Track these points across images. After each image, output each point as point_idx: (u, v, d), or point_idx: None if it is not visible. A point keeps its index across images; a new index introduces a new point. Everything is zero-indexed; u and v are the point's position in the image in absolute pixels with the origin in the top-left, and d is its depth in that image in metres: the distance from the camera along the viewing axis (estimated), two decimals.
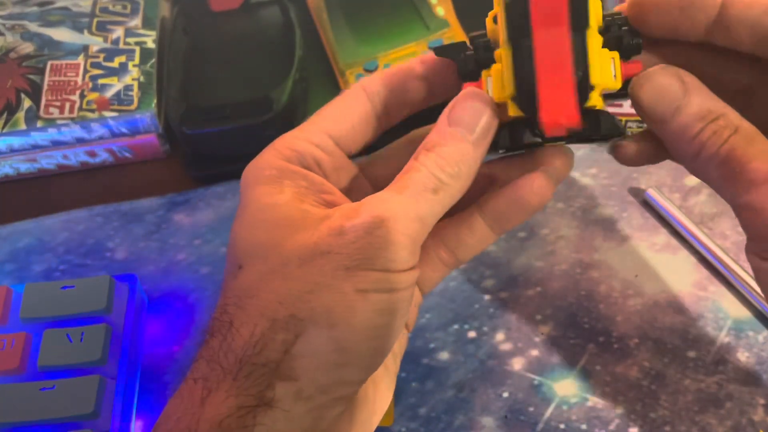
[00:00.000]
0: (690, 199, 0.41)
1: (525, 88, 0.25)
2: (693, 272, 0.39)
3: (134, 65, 0.47)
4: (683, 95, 0.25)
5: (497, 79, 0.26)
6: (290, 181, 0.27)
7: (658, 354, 0.36)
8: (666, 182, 0.42)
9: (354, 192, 0.30)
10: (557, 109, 0.24)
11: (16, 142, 0.45)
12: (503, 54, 0.26)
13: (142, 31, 0.49)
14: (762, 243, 0.25)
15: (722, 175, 0.24)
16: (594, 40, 0.25)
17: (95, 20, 0.50)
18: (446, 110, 0.27)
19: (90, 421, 0.32)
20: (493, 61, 0.27)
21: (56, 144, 0.46)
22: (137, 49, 0.48)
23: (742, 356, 0.35)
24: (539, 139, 0.27)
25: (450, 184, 0.26)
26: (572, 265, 0.39)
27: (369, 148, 0.31)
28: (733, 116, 0.25)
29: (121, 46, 0.49)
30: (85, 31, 0.49)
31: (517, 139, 0.27)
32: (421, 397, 0.35)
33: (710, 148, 0.24)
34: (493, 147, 0.29)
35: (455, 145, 0.26)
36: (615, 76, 0.26)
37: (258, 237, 0.26)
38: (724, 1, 0.25)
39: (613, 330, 0.37)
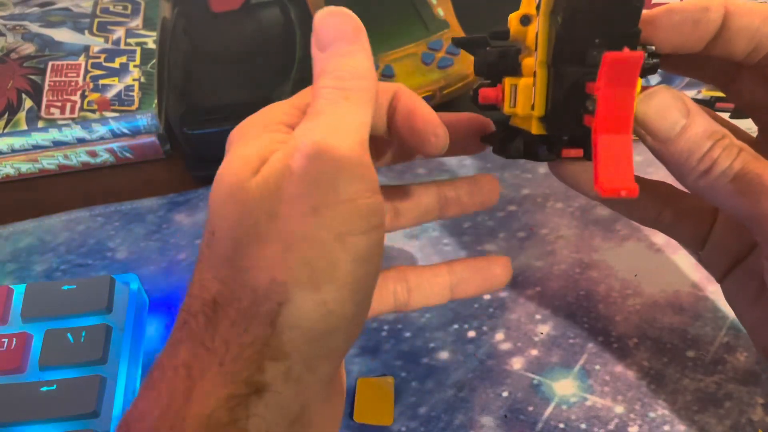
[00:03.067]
0: None
1: (558, 114, 0.25)
2: (692, 272, 0.39)
3: (135, 66, 0.48)
4: (687, 115, 0.25)
5: (525, 95, 0.26)
6: (266, 140, 0.25)
7: (657, 354, 0.36)
8: (668, 178, 0.42)
9: None
10: (616, 178, 0.23)
11: (17, 142, 0.45)
12: (538, 73, 0.25)
13: (142, 32, 0.50)
14: None
15: (737, 189, 0.25)
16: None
17: (96, 21, 0.50)
18: (312, 40, 0.26)
19: (90, 421, 0.32)
20: (518, 69, 0.26)
21: (57, 144, 0.46)
22: (138, 49, 0.49)
23: (741, 356, 0.35)
24: (555, 156, 0.27)
25: (354, 84, 0.25)
26: (571, 265, 0.40)
27: None
28: (733, 136, 0.25)
29: (122, 46, 0.49)
30: (86, 32, 0.49)
31: (531, 153, 0.28)
32: (420, 397, 0.35)
33: (722, 163, 0.25)
34: (503, 152, 0.29)
35: (337, 59, 0.25)
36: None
37: (229, 205, 0.24)
38: (727, 11, 0.26)
39: (613, 330, 0.37)
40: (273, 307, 0.22)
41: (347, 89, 0.25)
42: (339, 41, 0.26)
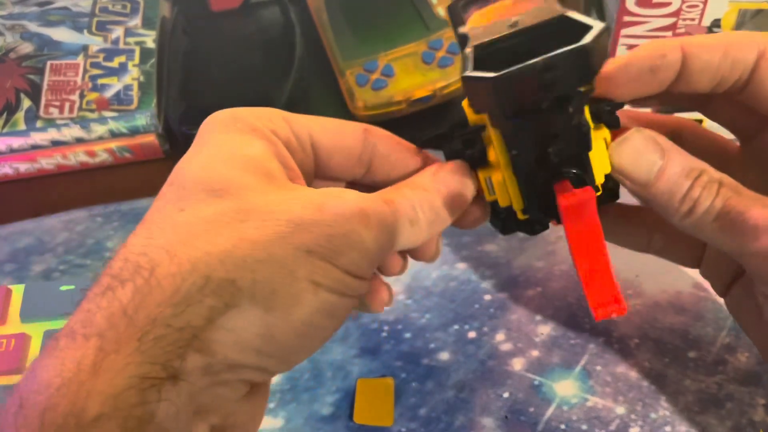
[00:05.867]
0: None
1: (537, 207, 0.26)
2: (693, 273, 0.39)
3: (134, 65, 0.47)
4: (662, 156, 0.25)
5: (501, 190, 0.26)
6: (261, 141, 0.24)
7: (658, 354, 0.36)
8: None
9: None
10: (605, 304, 0.25)
11: (15, 142, 0.45)
12: (506, 175, 0.26)
13: (141, 31, 0.49)
14: None
15: (721, 227, 0.25)
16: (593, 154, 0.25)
17: (95, 20, 0.50)
18: (435, 166, 0.27)
19: None
20: (486, 160, 0.26)
21: (56, 144, 0.46)
22: (137, 49, 0.48)
23: (743, 356, 0.35)
24: (546, 227, 0.29)
25: (423, 227, 0.25)
26: (572, 266, 0.39)
27: None
28: (712, 170, 0.25)
29: (121, 46, 0.48)
30: (85, 31, 0.49)
31: (525, 230, 0.29)
32: (421, 398, 0.35)
33: (704, 202, 0.25)
34: (499, 229, 0.30)
35: (437, 197, 0.26)
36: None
37: (216, 178, 0.22)
38: (684, 52, 0.25)
39: (614, 330, 0.37)
40: (218, 305, 0.20)
41: (418, 222, 0.25)
42: (449, 191, 0.26)
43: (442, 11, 0.48)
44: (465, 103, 0.26)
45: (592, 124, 0.24)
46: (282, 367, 0.23)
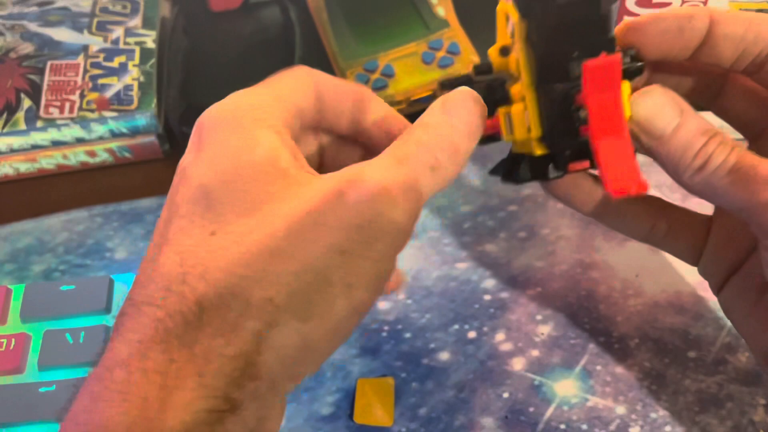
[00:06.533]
0: (690, 199, 0.41)
1: (555, 131, 0.26)
2: (693, 273, 0.39)
3: (134, 65, 0.47)
4: (680, 113, 0.26)
5: (519, 120, 0.26)
6: (268, 136, 0.23)
7: (658, 354, 0.36)
8: (666, 182, 0.42)
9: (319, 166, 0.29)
10: (624, 179, 0.24)
11: (15, 142, 0.45)
12: (527, 96, 0.26)
13: (142, 31, 0.49)
14: None
15: (732, 182, 0.25)
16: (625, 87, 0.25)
17: (95, 20, 0.50)
18: (441, 100, 0.26)
19: None
20: (508, 98, 0.27)
21: (56, 144, 0.46)
22: (137, 49, 0.48)
23: (743, 356, 0.35)
24: (562, 173, 0.28)
25: (446, 167, 0.24)
26: (572, 265, 0.39)
27: None
28: (727, 134, 0.26)
29: (121, 46, 0.48)
30: (85, 31, 0.49)
31: (539, 174, 0.28)
32: (421, 398, 0.35)
33: (718, 158, 0.25)
34: (511, 179, 0.29)
35: (452, 131, 0.25)
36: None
37: (238, 199, 0.22)
38: (712, 19, 0.26)
39: (614, 330, 0.37)
40: (260, 327, 0.21)
41: (439, 163, 0.24)
42: (460, 120, 0.25)
43: (442, 11, 0.48)
44: (492, 50, 0.27)
45: None
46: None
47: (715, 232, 0.32)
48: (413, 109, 0.45)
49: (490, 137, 0.28)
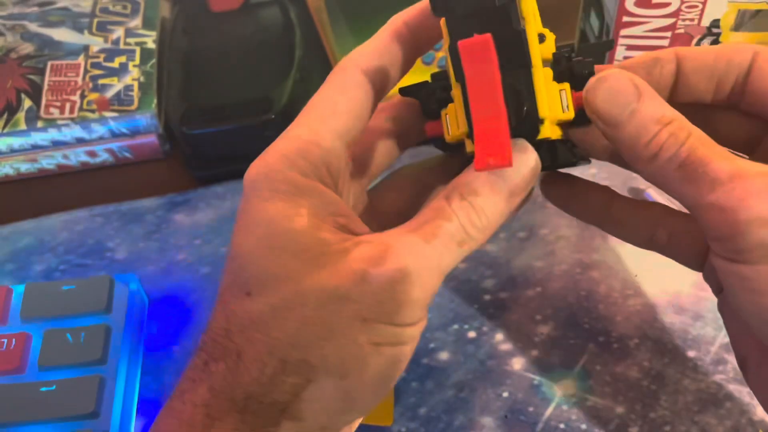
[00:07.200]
0: None
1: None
2: (692, 272, 0.39)
3: (134, 65, 0.48)
4: (637, 98, 0.25)
5: (452, 118, 0.27)
6: (307, 200, 0.24)
7: (657, 354, 0.36)
8: None
9: (360, 212, 0.30)
10: (489, 148, 0.23)
11: (16, 142, 0.45)
12: (454, 94, 0.26)
13: (142, 32, 0.50)
14: (729, 243, 0.24)
15: (683, 176, 0.24)
16: (540, 74, 0.25)
17: (95, 20, 0.50)
18: (466, 171, 0.25)
19: (90, 421, 0.32)
20: (451, 100, 0.27)
21: (56, 144, 0.46)
22: (137, 49, 0.48)
23: None
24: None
25: (476, 238, 0.24)
26: (572, 265, 0.39)
27: None
28: (684, 120, 0.25)
29: (122, 46, 0.49)
30: (86, 32, 0.49)
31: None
32: (420, 397, 0.35)
33: (669, 149, 0.24)
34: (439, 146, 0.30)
35: (491, 198, 0.25)
36: (567, 106, 0.26)
37: (272, 266, 0.24)
38: (679, 57, 0.26)
39: (613, 330, 0.37)
40: (299, 382, 0.23)
41: (469, 238, 0.24)
42: (504, 177, 0.25)
43: None
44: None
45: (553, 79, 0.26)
46: (364, 414, 0.25)
47: None
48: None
49: (437, 139, 0.29)
